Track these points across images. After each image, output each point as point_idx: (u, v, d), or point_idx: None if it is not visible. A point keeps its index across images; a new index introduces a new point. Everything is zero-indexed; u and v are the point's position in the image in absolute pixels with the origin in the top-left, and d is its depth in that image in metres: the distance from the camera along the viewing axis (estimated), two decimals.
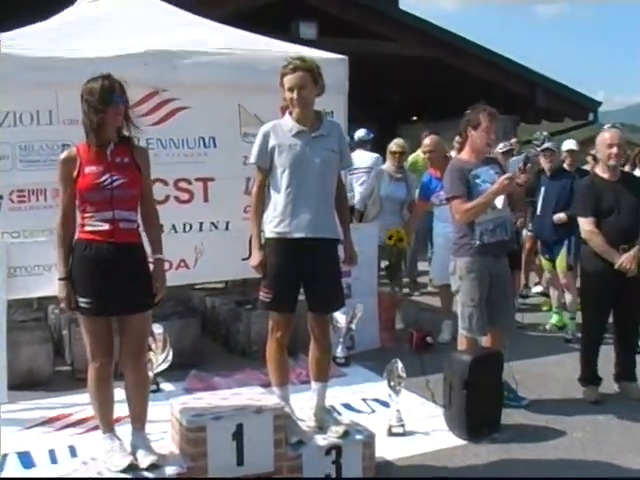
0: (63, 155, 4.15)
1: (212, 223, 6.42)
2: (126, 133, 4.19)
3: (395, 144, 8.56)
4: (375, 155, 9.93)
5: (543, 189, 7.69)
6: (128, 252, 4.12)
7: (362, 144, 10.02)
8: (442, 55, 13.83)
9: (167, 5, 7.07)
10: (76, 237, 4.14)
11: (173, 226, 6.20)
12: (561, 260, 7.52)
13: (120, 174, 4.06)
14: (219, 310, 7.32)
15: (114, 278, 4.05)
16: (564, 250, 7.45)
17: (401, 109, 16.31)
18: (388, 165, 8.52)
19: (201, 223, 6.38)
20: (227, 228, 6.46)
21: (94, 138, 4.05)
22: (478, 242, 5.28)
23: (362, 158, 9.67)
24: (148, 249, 4.29)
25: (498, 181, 5.18)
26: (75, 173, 4.05)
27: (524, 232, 8.60)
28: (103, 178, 4.03)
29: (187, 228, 6.33)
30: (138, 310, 4.15)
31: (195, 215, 6.35)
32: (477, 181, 5.30)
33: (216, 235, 6.41)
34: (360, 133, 10.08)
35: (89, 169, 4.04)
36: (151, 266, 4.21)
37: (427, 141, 7.75)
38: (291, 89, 4.37)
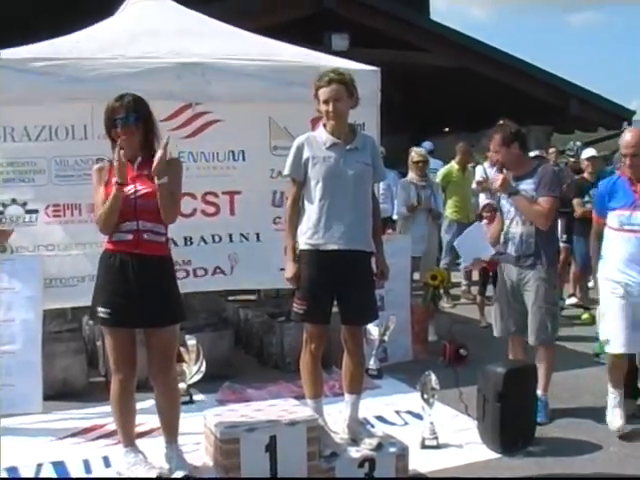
0: (97, 165, 4.23)
1: (242, 235, 6.46)
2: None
3: (416, 153, 8.59)
4: None
5: None
6: (152, 264, 4.13)
7: None
8: (473, 65, 13.80)
9: (200, 16, 7.11)
10: (103, 248, 4.21)
11: (202, 238, 6.27)
12: None
13: (145, 185, 4.10)
14: (252, 322, 7.33)
15: (135, 290, 4.06)
16: None
17: (432, 120, 16.27)
18: (412, 175, 8.54)
19: (230, 235, 6.43)
20: (258, 239, 6.50)
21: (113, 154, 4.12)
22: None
23: None
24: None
25: None
26: (105, 180, 4.11)
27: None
28: (128, 188, 4.07)
29: (217, 239, 6.38)
30: (158, 324, 4.14)
31: (222, 227, 6.40)
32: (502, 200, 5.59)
33: (248, 246, 6.46)
34: None
35: (115, 179, 4.07)
36: None
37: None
38: (326, 102, 4.38)
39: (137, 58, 5.94)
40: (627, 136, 5.07)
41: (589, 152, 8.71)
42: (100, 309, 4.11)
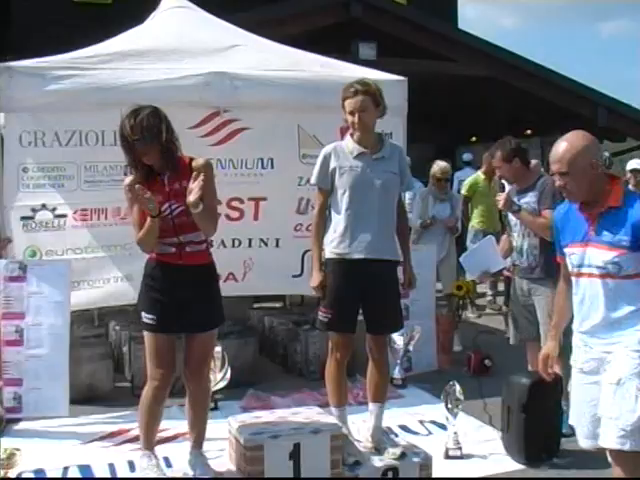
0: (126, 182, 4.14)
1: (261, 240, 6.51)
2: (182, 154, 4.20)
3: (440, 170, 8.45)
4: None
5: None
6: (195, 273, 4.17)
7: None
8: (501, 75, 13.73)
9: (227, 24, 7.15)
10: (148, 257, 4.22)
11: (222, 241, 6.29)
12: None
13: (179, 201, 4.06)
14: (277, 330, 7.35)
15: (179, 298, 4.10)
16: None
17: (460, 130, 16.22)
18: (432, 188, 8.50)
19: (250, 240, 6.48)
20: (277, 245, 6.54)
21: (136, 173, 4.11)
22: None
23: None
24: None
25: None
26: None
27: None
28: (163, 208, 4.06)
29: (236, 244, 6.43)
30: (202, 330, 4.20)
31: (244, 232, 6.44)
32: None
33: (266, 251, 6.50)
34: None
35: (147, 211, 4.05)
36: None
37: None
38: (352, 113, 4.40)
39: (166, 66, 5.99)
40: (556, 147, 3.74)
41: (633, 164, 8.61)
42: (144, 314, 4.17)
